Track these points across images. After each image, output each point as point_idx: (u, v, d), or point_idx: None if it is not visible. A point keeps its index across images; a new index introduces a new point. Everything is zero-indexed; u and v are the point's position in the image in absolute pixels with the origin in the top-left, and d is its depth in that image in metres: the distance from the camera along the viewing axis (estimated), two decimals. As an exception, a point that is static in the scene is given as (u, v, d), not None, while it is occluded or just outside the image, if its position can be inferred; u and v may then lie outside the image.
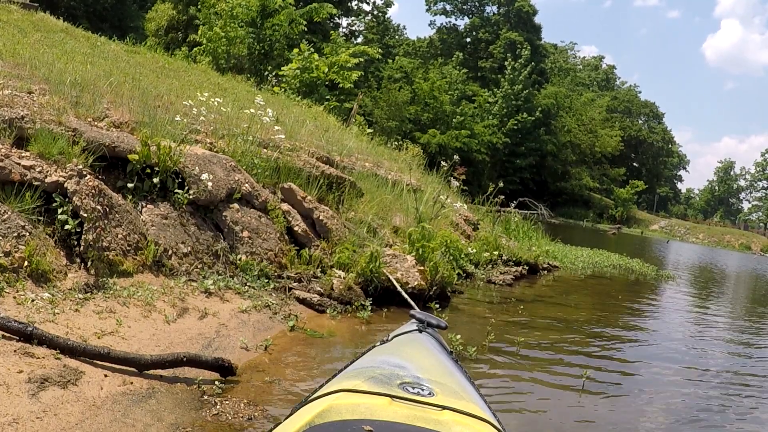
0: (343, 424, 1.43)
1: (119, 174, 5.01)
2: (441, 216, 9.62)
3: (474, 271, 8.94)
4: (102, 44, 10.85)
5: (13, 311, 3.31)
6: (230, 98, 9.22)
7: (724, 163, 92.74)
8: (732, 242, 54.12)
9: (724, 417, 4.51)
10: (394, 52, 48.69)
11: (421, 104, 39.92)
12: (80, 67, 6.81)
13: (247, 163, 6.38)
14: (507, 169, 45.52)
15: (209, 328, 4.17)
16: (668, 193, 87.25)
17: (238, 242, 5.52)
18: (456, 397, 1.65)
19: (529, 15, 53.92)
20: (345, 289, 5.72)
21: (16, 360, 2.87)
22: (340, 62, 19.90)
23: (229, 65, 19.55)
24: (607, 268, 13.70)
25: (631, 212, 60.35)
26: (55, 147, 4.39)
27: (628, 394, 4.74)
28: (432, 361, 2.04)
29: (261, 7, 20.02)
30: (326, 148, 8.86)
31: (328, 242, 6.37)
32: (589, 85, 70.05)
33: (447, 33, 57.86)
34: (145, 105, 6.21)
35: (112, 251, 4.30)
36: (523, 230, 13.37)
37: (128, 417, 2.85)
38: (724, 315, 10.07)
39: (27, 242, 3.77)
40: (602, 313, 8.09)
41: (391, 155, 13.41)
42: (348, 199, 7.41)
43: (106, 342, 3.40)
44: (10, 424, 2.46)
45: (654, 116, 77.61)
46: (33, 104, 4.85)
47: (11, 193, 3.96)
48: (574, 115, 54.02)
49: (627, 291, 10.97)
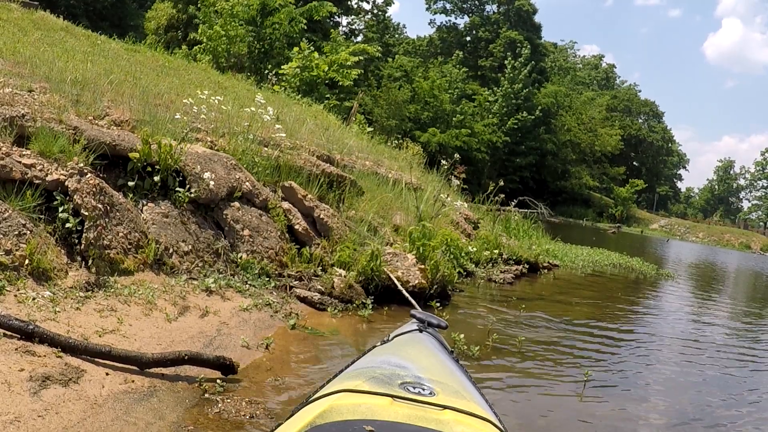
0: (345, 425, 1.43)
1: (120, 172, 5.00)
2: (441, 215, 9.62)
3: (474, 269, 8.94)
4: (102, 43, 10.84)
5: (14, 309, 3.31)
6: (230, 97, 9.21)
7: (723, 162, 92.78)
8: (732, 241, 54.14)
9: (725, 417, 4.52)
10: (394, 50, 48.67)
11: (421, 103, 39.94)
12: (80, 66, 6.80)
13: (247, 161, 6.38)
14: (507, 168, 45.57)
15: (210, 326, 4.18)
16: (668, 192, 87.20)
17: (239, 241, 5.52)
18: (457, 396, 1.65)
19: (529, 14, 53.91)
20: (346, 287, 5.72)
21: (17, 358, 2.87)
22: (340, 61, 19.88)
23: (229, 64, 19.53)
24: (607, 266, 13.72)
25: (631, 211, 60.38)
26: (56, 145, 4.39)
27: (629, 393, 4.74)
28: (433, 360, 2.04)
29: (261, 5, 20.01)
30: (326, 146, 8.86)
31: (329, 241, 6.38)
32: (589, 84, 70.02)
33: (447, 32, 57.85)
34: (145, 103, 6.21)
35: (113, 249, 4.30)
36: (523, 229, 13.38)
37: (130, 415, 2.85)
38: (724, 314, 10.07)
39: (28, 240, 3.77)
40: (603, 312, 8.09)
41: (392, 154, 13.42)
42: (348, 198, 7.41)
43: (107, 340, 3.40)
44: (11, 423, 2.46)
45: (654, 115, 77.60)
46: (33, 103, 4.84)
47: (12, 191, 3.95)
48: (573, 114, 53.99)
49: (627, 290, 10.97)
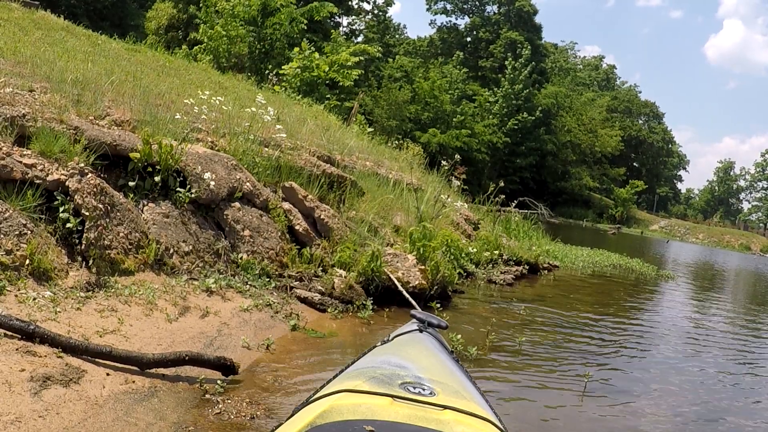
0: (345, 425, 1.43)
1: (120, 172, 5.01)
2: (442, 215, 9.62)
3: (475, 270, 8.94)
4: (103, 43, 10.84)
5: (14, 310, 3.31)
6: (231, 97, 9.21)
7: (724, 164, 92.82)
8: (732, 242, 54.13)
9: (725, 417, 4.52)
10: (394, 51, 48.70)
11: (422, 103, 39.94)
12: (81, 66, 6.80)
13: (248, 161, 6.38)
14: (507, 169, 45.57)
15: (211, 327, 4.18)
16: (668, 193, 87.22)
17: (240, 241, 5.52)
18: (457, 396, 1.65)
19: (529, 15, 53.90)
20: (346, 288, 5.72)
21: (18, 359, 2.87)
22: (340, 61, 19.89)
23: (230, 64, 19.54)
24: (607, 267, 13.72)
25: (631, 212, 60.39)
26: (57, 145, 4.39)
27: (629, 393, 4.74)
28: (433, 360, 2.04)
29: (262, 5, 20.02)
30: (327, 147, 8.86)
31: (329, 241, 6.38)
32: (590, 85, 70.03)
33: (447, 32, 57.85)
34: (146, 103, 6.21)
35: (113, 250, 4.30)
36: (524, 230, 13.38)
37: (130, 416, 2.86)
38: (724, 315, 10.07)
39: (28, 240, 3.78)
40: (603, 312, 8.09)
41: (392, 154, 13.41)
42: (349, 198, 7.41)
43: (107, 340, 3.41)
44: (12, 423, 2.46)
45: (654, 116, 77.61)
46: (34, 102, 4.85)
47: (13, 191, 3.96)
48: (574, 115, 54.00)
49: (627, 291, 10.97)
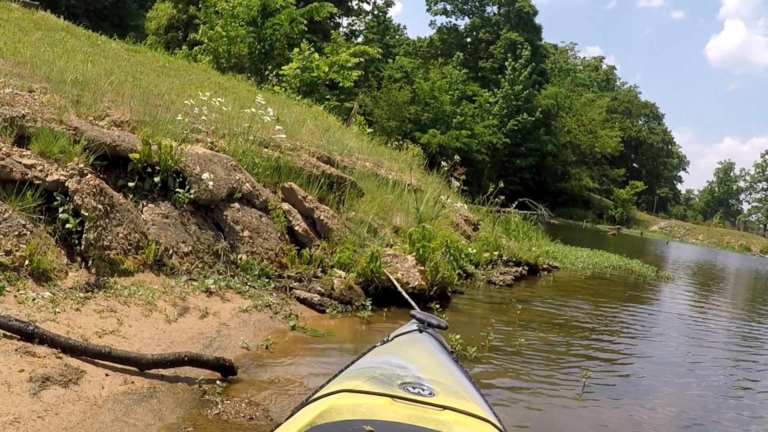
0: (345, 425, 1.43)
1: (120, 173, 5.01)
2: (441, 216, 9.62)
3: (474, 271, 8.94)
4: (103, 43, 10.84)
5: (14, 310, 3.31)
6: (231, 97, 9.21)
7: (723, 164, 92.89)
8: (731, 243, 54.13)
9: (725, 418, 4.51)
10: (394, 51, 48.73)
11: (422, 104, 39.97)
12: (81, 66, 6.80)
13: (247, 162, 6.38)
14: (507, 170, 45.56)
15: (210, 327, 4.18)
16: (668, 193, 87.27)
17: (239, 242, 5.52)
18: (457, 396, 1.65)
19: (529, 15, 53.91)
20: (345, 288, 5.72)
21: (17, 359, 2.87)
22: (340, 62, 19.90)
23: (230, 64, 19.55)
24: (606, 268, 13.72)
25: (631, 213, 60.40)
26: (56, 146, 4.39)
27: (628, 395, 4.74)
28: (433, 361, 2.04)
29: (262, 6, 20.03)
30: (327, 147, 8.86)
31: (329, 242, 6.38)
32: (590, 86, 70.04)
33: (447, 33, 57.85)
34: (145, 104, 6.21)
35: (113, 250, 4.30)
36: (523, 230, 13.37)
37: (129, 416, 2.85)
38: (724, 315, 10.07)
39: (28, 241, 3.77)
40: (602, 313, 8.09)
41: (392, 155, 13.42)
42: (348, 199, 7.41)
43: (107, 341, 3.40)
44: (11, 423, 2.46)
45: (654, 117, 77.67)
46: (34, 103, 4.84)
47: (12, 191, 3.95)
48: (574, 116, 54.02)
49: (627, 292, 10.96)
